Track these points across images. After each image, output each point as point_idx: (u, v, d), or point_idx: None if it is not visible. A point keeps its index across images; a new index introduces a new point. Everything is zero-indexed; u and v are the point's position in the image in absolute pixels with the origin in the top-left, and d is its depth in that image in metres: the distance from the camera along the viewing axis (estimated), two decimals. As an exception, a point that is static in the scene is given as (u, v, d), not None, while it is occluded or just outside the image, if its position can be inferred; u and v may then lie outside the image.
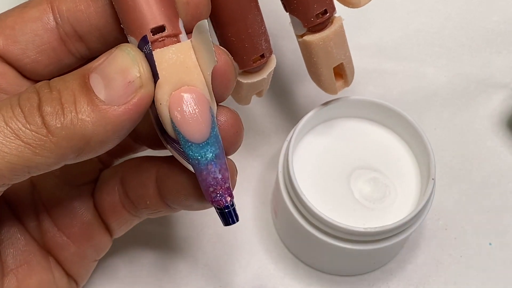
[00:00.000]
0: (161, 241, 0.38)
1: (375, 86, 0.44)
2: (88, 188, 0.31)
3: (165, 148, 0.30)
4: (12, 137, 0.22)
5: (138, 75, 0.22)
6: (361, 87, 0.43)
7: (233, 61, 0.25)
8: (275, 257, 0.38)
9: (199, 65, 0.23)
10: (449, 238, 0.38)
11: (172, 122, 0.23)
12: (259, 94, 0.35)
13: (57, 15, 0.26)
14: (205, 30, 0.22)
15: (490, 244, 0.38)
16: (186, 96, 0.23)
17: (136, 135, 0.31)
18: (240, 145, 0.26)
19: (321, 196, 0.35)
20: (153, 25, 0.23)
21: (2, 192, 0.24)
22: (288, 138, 0.36)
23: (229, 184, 0.24)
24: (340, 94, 0.37)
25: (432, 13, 0.47)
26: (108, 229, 0.31)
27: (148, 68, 0.23)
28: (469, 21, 0.47)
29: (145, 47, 0.23)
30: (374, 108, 0.37)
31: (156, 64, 0.23)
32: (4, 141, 0.22)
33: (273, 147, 0.41)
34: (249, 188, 0.40)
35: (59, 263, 0.30)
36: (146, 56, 0.23)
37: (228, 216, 0.24)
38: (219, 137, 0.24)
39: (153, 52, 0.23)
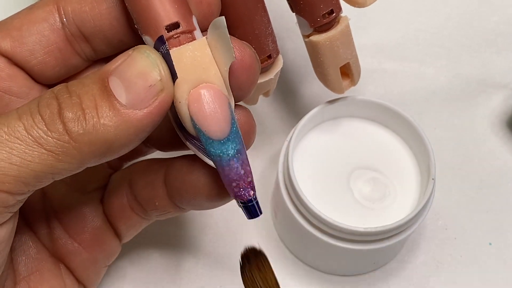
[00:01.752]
0: (161, 241, 0.38)
1: (375, 86, 0.44)
2: (97, 194, 0.31)
3: (174, 149, 0.30)
4: (35, 146, 0.22)
5: (159, 78, 0.22)
6: (361, 87, 0.43)
7: (256, 53, 0.25)
8: (275, 257, 0.38)
9: (216, 62, 0.23)
10: (449, 238, 0.38)
11: (192, 120, 0.23)
12: (266, 94, 0.35)
13: (63, 16, 0.26)
14: (223, 25, 0.22)
15: (490, 244, 0.38)
16: (205, 94, 0.23)
17: (147, 138, 0.31)
18: (253, 142, 0.27)
19: (321, 196, 0.35)
20: (167, 22, 0.23)
21: (26, 198, 0.24)
22: (288, 138, 0.36)
23: (251, 178, 0.24)
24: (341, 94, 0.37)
25: (432, 13, 0.47)
26: (117, 234, 0.31)
27: (168, 70, 0.23)
28: (469, 21, 0.47)
29: (162, 47, 0.23)
30: (374, 108, 0.37)
31: (173, 63, 0.23)
32: (27, 150, 0.22)
33: (274, 146, 0.41)
34: (249, 188, 0.40)
35: (70, 270, 0.30)
36: (163, 56, 0.23)
37: (252, 209, 0.25)
38: (239, 132, 0.24)
39: (170, 51, 0.23)
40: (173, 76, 0.23)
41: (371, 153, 0.37)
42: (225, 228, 0.38)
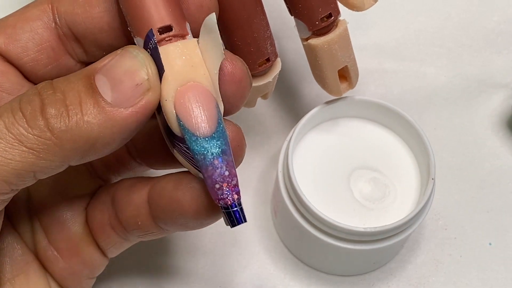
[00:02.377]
0: (160, 241, 0.38)
1: (376, 86, 0.44)
2: (81, 201, 0.30)
3: (164, 167, 0.29)
4: (15, 143, 0.22)
5: (146, 77, 0.22)
6: (362, 87, 0.43)
7: (248, 68, 0.25)
8: (275, 257, 0.38)
9: (206, 64, 0.23)
10: (449, 238, 0.38)
11: (177, 117, 0.23)
12: (264, 96, 0.35)
13: (56, 16, 0.26)
14: (213, 26, 0.22)
15: (490, 244, 0.38)
16: (192, 91, 0.23)
17: (137, 152, 0.30)
18: (242, 159, 0.26)
19: (321, 196, 0.35)
20: (160, 24, 0.23)
21: (11, 198, 0.24)
22: (288, 138, 0.36)
23: (236, 182, 0.23)
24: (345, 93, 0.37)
25: (432, 13, 0.47)
26: (101, 248, 0.30)
27: (156, 70, 0.22)
28: (469, 21, 0.47)
29: (151, 41, 0.23)
30: (374, 108, 0.37)
31: (161, 59, 0.22)
32: (7, 148, 0.22)
33: (274, 147, 0.41)
34: (249, 188, 0.40)
35: (51, 276, 0.29)
36: (151, 52, 0.23)
37: (236, 215, 0.23)
38: (226, 133, 0.23)
39: (159, 48, 0.22)
40: (160, 71, 0.23)
41: (371, 153, 0.37)
42: (225, 228, 0.38)
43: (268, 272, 0.37)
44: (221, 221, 0.38)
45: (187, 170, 0.25)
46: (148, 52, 0.23)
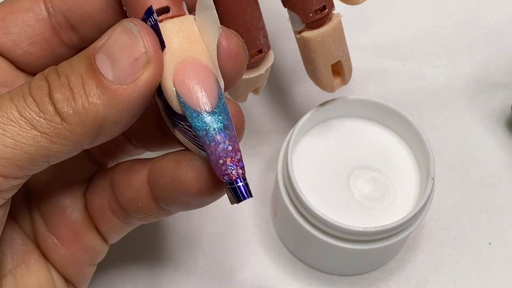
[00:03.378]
0: (160, 240, 0.38)
1: (376, 86, 0.44)
2: (80, 187, 0.29)
3: (161, 148, 0.29)
4: (28, 127, 0.22)
5: (143, 50, 0.22)
6: (362, 87, 0.43)
7: (244, 43, 0.24)
8: (275, 257, 0.38)
9: (204, 41, 0.23)
10: (449, 238, 0.38)
11: (177, 94, 0.22)
12: (255, 91, 0.35)
13: (49, 5, 0.25)
14: (209, 2, 0.22)
15: (490, 244, 0.38)
16: (191, 67, 0.22)
17: (133, 134, 0.30)
18: (242, 136, 0.25)
19: (321, 196, 0.35)
20: (157, 5, 0.22)
21: (21, 185, 0.24)
22: (288, 138, 0.36)
23: (240, 156, 0.23)
24: (340, 93, 0.37)
25: (432, 13, 0.47)
26: (101, 234, 0.30)
27: (154, 41, 0.22)
28: (469, 21, 0.47)
29: (150, 18, 0.22)
30: (373, 107, 0.37)
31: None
32: (20, 132, 0.21)
33: (272, 146, 0.41)
34: (249, 188, 0.40)
35: (52, 264, 0.29)
36: (152, 27, 0.22)
37: (240, 191, 0.23)
38: (227, 108, 0.23)
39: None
40: (162, 46, 0.22)
41: (371, 153, 0.36)
42: (225, 227, 0.38)
43: (268, 272, 0.37)
44: (221, 220, 0.38)
45: (185, 148, 0.25)
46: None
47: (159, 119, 0.25)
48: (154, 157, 0.27)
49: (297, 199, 0.33)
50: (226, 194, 0.24)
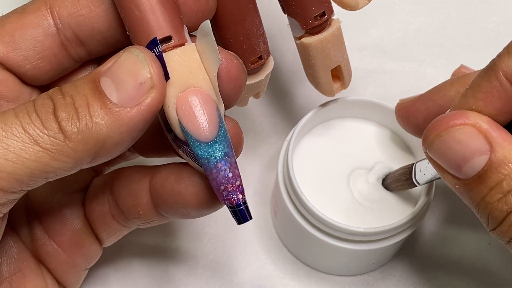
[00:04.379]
0: (160, 240, 0.38)
1: (375, 86, 0.44)
2: (79, 196, 0.30)
3: (156, 155, 0.30)
4: (31, 143, 0.22)
5: (148, 76, 0.22)
6: (361, 87, 0.43)
7: (243, 65, 0.25)
8: (274, 257, 0.38)
9: (205, 67, 0.24)
10: (449, 238, 0.38)
11: (180, 123, 0.23)
12: (256, 95, 0.35)
13: (58, 20, 0.26)
14: (208, 31, 0.23)
15: (490, 244, 0.38)
16: (192, 97, 0.23)
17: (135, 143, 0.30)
18: (240, 153, 0.27)
19: (321, 196, 0.35)
20: (160, 36, 0.23)
21: (17, 200, 0.24)
22: (288, 138, 0.36)
23: (240, 182, 0.24)
24: (340, 94, 0.37)
25: (432, 13, 0.47)
26: (98, 238, 0.31)
27: (159, 68, 0.23)
28: (469, 21, 0.47)
29: (155, 49, 0.23)
30: (373, 108, 0.37)
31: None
32: (23, 147, 0.22)
33: (273, 147, 0.41)
34: (248, 188, 0.40)
35: (49, 271, 0.30)
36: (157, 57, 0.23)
37: (241, 213, 0.24)
38: (228, 136, 0.24)
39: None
40: (166, 76, 0.23)
41: (371, 153, 0.36)
42: (225, 228, 0.38)
43: (268, 272, 0.37)
44: (221, 220, 0.38)
45: (184, 161, 0.26)
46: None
47: (159, 129, 0.26)
48: (154, 165, 0.28)
49: (297, 199, 0.33)
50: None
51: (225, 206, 0.25)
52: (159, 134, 0.27)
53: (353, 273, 0.37)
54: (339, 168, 0.36)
